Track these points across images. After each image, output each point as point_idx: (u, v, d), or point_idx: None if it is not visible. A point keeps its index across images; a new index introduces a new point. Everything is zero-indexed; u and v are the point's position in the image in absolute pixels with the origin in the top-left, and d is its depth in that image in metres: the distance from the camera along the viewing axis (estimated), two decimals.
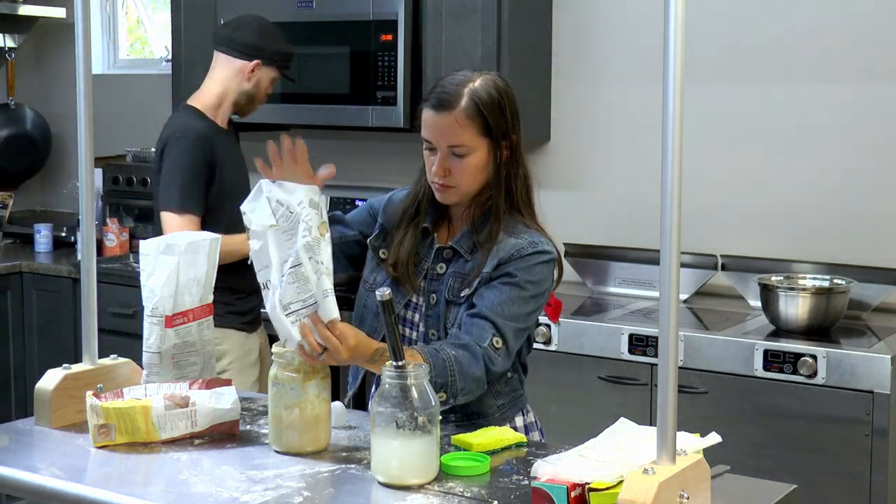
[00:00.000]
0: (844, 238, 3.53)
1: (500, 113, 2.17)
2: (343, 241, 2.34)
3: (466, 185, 2.18)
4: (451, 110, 2.14)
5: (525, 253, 2.17)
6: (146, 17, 5.29)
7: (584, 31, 3.94)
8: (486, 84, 2.17)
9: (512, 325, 2.14)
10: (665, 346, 1.62)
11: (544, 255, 2.19)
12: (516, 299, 2.15)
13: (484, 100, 2.15)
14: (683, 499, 1.61)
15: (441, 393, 2.04)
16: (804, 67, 3.58)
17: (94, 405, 1.99)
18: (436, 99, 2.16)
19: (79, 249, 4.38)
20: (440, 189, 2.19)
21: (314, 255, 1.94)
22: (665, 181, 1.60)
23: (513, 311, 2.14)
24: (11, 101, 5.14)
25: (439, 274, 2.23)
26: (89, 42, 2.21)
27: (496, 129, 2.17)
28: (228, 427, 2.06)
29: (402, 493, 1.79)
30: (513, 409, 2.26)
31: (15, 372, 4.48)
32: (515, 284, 2.15)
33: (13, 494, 2.01)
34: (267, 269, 1.97)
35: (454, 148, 2.15)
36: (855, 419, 2.93)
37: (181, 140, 3.20)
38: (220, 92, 3.33)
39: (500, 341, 2.12)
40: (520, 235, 2.19)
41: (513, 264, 2.16)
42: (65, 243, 4.76)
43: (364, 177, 4.46)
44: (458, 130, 2.14)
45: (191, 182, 3.18)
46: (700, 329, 3.27)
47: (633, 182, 3.86)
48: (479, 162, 2.17)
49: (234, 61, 3.31)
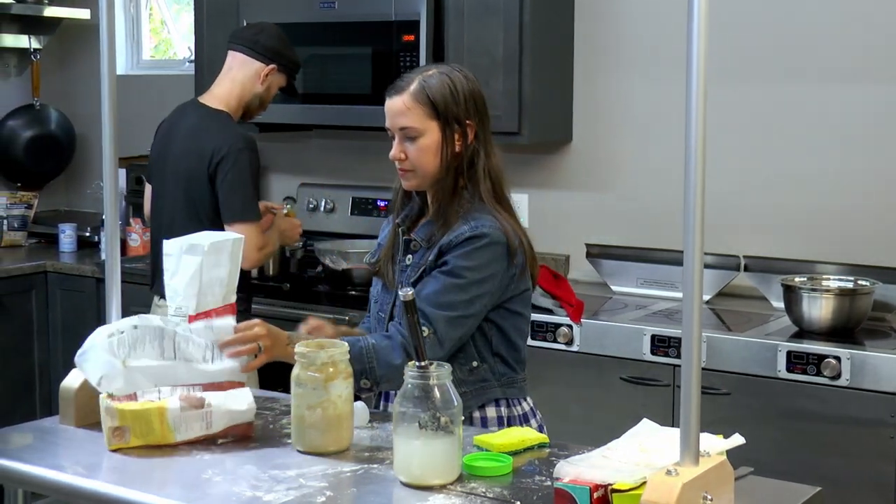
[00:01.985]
0: (868, 239, 3.51)
1: (451, 97, 2.26)
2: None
3: (422, 167, 2.27)
4: (400, 94, 2.27)
5: (462, 238, 2.22)
6: (170, 19, 5.31)
7: (605, 31, 3.93)
8: (440, 72, 2.29)
9: (443, 313, 2.19)
10: (688, 347, 1.61)
11: (482, 239, 2.21)
12: (451, 287, 2.20)
13: (432, 84, 2.26)
14: (707, 500, 1.60)
15: (364, 379, 2.17)
16: (829, 67, 3.56)
17: (109, 407, 1.98)
18: (392, 87, 2.30)
19: (103, 249, 4.40)
20: (401, 175, 2.31)
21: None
22: (688, 181, 1.60)
23: (447, 299, 2.19)
24: (36, 102, 5.18)
25: (406, 265, 2.32)
26: (114, 43, 2.22)
27: (445, 113, 2.25)
28: (244, 429, 2.04)
29: (424, 494, 1.79)
30: (475, 398, 2.27)
31: (39, 371, 4.51)
32: (450, 273, 2.21)
33: (38, 492, 2.03)
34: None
35: (405, 130, 2.26)
36: (879, 421, 2.91)
37: (245, 152, 3.25)
38: (239, 93, 3.37)
39: (426, 330, 2.14)
40: (469, 221, 2.24)
41: (451, 252, 2.22)
42: (89, 243, 4.79)
43: (385, 177, 4.45)
44: (406, 112, 2.26)
45: (254, 192, 3.28)
46: (723, 330, 3.26)
47: (655, 182, 3.85)
48: (431, 144, 2.26)
49: (253, 63, 3.36)
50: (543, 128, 3.85)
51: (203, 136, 3.28)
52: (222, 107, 3.34)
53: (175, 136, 3.38)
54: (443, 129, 2.26)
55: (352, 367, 2.03)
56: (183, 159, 3.32)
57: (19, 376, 4.46)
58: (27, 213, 4.96)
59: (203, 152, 3.25)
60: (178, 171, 3.33)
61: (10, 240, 4.87)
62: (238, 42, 3.41)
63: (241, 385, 2.09)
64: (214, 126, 3.30)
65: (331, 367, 1.97)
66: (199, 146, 3.27)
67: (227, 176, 3.22)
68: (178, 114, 3.44)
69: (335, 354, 1.98)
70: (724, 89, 3.60)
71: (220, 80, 3.41)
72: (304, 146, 4.68)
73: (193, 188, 3.28)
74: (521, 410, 2.34)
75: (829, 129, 3.57)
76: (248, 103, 3.40)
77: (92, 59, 4.84)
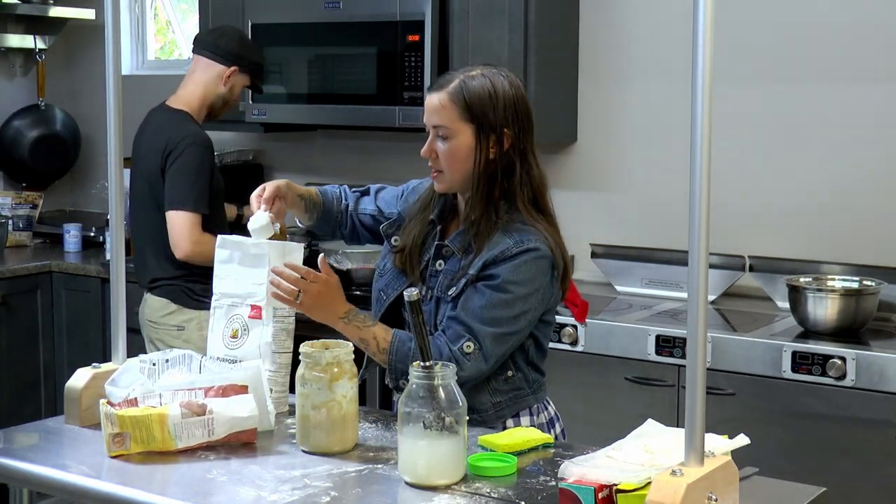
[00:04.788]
0: (874, 239, 3.50)
1: (489, 102, 2.18)
2: (363, 213, 2.48)
3: (451, 170, 2.21)
4: (439, 91, 2.21)
5: (510, 253, 2.16)
6: (175, 20, 5.31)
7: (610, 31, 3.93)
8: (483, 74, 2.22)
9: (490, 330, 2.13)
10: (693, 347, 1.61)
11: (531, 254, 2.16)
12: (498, 303, 2.14)
13: (473, 87, 2.19)
14: (712, 501, 1.60)
15: (402, 381, 2.10)
16: (833, 67, 3.56)
17: (109, 413, 1.95)
18: (434, 82, 2.27)
19: (108, 249, 4.42)
20: (433, 177, 2.27)
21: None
22: (693, 182, 1.60)
23: (493, 314, 2.14)
24: (41, 102, 5.18)
25: (437, 270, 2.26)
26: (119, 43, 2.23)
27: (481, 118, 2.18)
28: (247, 436, 2.02)
29: (428, 494, 1.79)
30: (510, 407, 2.25)
31: (45, 371, 4.52)
32: (497, 287, 2.15)
33: (43, 492, 2.03)
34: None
35: (438, 129, 2.21)
36: (884, 422, 2.91)
37: (193, 147, 3.39)
38: (201, 94, 3.54)
39: (471, 346, 2.12)
40: (512, 234, 2.18)
41: (498, 266, 2.15)
42: (94, 243, 4.80)
43: (390, 176, 4.45)
44: (441, 111, 2.20)
45: (203, 185, 3.37)
46: (728, 330, 3.25)
47: (659, 182, 3.85)
48: (462, 148, 2.19)
49: (215, 66, 3.54)
50: (548, 128, 3.85)
51: (161, 134, 3.45)
52: (184, 107, 3.51)
53: (142, 138, 3.55)
54: (477, 134, 2.19)
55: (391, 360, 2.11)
56: (144, 159, 3.49)
57: (24, 376, 4.46)
58: (32, 213, 4.97)
59: (159, 148, 3.42)
60: (142, 170, 3.50)
61: (15, 240, 4.87)
62: (200, 46, 3.57)
63: (244, 391, 2.07)
64: (171, 124, 3.47)
65: (335, 367, 1.97)
66: (157, 144, 3.44)
67: (172, 166, 3.37)
68: (148, 117, 3.61)
69: (340, 354, 1.98)
70: (728, 90, 3.59)
71: (185, 82, 3.58)
72: (309, 146, 4.68)
73: (154, 184, 3.44)
74: (547, 416, 2.32)
75: (834, 130, 3.57)
76: (212, 104, 3.57)
77: (97, 60, 4.85)
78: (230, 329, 2.23)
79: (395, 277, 2.33)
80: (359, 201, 2.52)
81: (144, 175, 3.48)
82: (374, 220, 2.47)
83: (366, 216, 2.49)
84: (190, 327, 3.44)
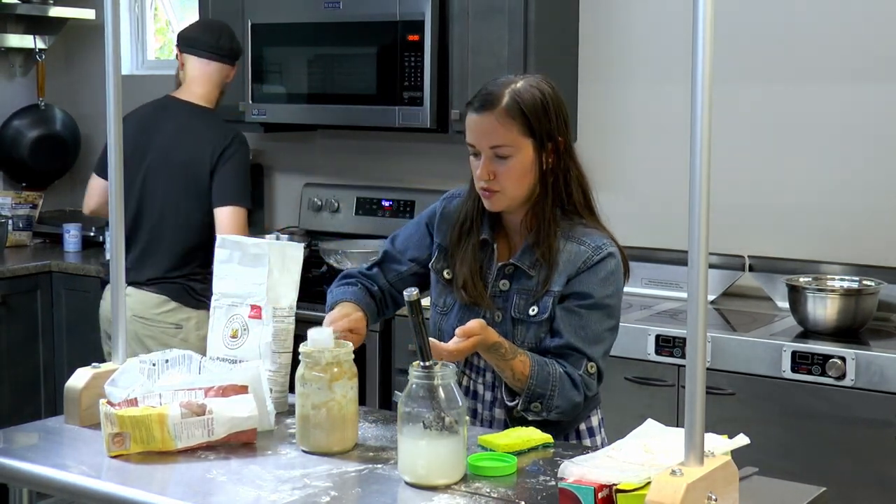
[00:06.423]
0: (873, 239, 3.50)
1: (544, 113, 2.14)
2: (400, 278, 2.36)
3: (512, 188, 2.14)
4: (492, 110, 2.12)
5: (592, 263, 2.15)
6: (175, 20, 5.31)
7: (610, 31, 3.93)
8: (528, 84, 2.16)
9: (599, 347, 2.17)
10: (693, 347, 1.61)
11: (612, 260, 2.17)
12: (597, 320, 2.16)
13: (526, 99, 2.13)
14: (711, 500, 1.60)
15: (536, 403, 2.09)
16: (834, 68, 3.56)
17: (109, 413, 1.95)
18: (478, 101, 2.15)
19: (107, 249, 4.41)
20: (487, 196, 2.16)
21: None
22: (693, 182, 1.60)
23: (596, 331, 2.16)
24: (41, 102, 5.18)
25: (503, 291, 2.21)
26: (118, 43, 2.23)
27: (539, 130, 2.14)
28: (246, 436, 2.01)
29: (428, 494, 1.79)
30: (587, 409, 2.26)
31: (44, 371, 4.52)
32: (594, 307, 2.15)
33: (42, 491, 2.03)
34: None
35: (497, 149, 2.12)
36: (884, 421, 2.91)
37: (244, 146, 3.56)
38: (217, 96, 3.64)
39: (593, 366, 2.15)
40: (580, 240, 2.17)
41: (583, 280, 2.14)
42: (94, 243, 4.80)
43: (390, 177, 4.47)
44: (500, 129, 2.12)
45: (250, 182, 3.56)
46: (727, 330, 3.25)
47: (659, 182, 3.85)
48: (524, 163, 2.14)
49: (224, 66, 3.63)
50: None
51: (203, 132, 3.49)
52: (208, 105, 3.59)
53: (162, 133, 3.52)
54: (537, 148, 2.14)
55: (529, 386, 2.07)
56: (174, 151, 3.49)
57: (24, 376, 4.46)
58: (32, 213, 4.97)
59: (205, 146, 3.46)
60: (173, 164, 3.48)
61: (15, 240, 4.87)
62: (205, 49, 3.58)
63: (244, 391, 2.07)
64: (215, 123, 3.55)
65: (335, 366, 1.97)
66: (200, 142, 3.47)
67: (227, 164, 3.47)
68: (162, 112, 3.58)
69: (340, 354, 1.98)
70: (727, 90, 3.59)
71: (198, 81, 3.59)
72: (309, 146, 4.68)
73: (194, 180, 3.46)
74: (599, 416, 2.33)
75: (834, 129, 3.57)
76: (218, 101, 3.67)
77: (97, 60, 4.85)
78: (230, 329, 2.23)
79: (467, 311, 2.23)
80: (385, 272, 2.38)
81: (178, 169, 3.47)
82: (416, 274, 2.35)
83: (407, 278, 2.35)
84: (188, 326, 3.44)
